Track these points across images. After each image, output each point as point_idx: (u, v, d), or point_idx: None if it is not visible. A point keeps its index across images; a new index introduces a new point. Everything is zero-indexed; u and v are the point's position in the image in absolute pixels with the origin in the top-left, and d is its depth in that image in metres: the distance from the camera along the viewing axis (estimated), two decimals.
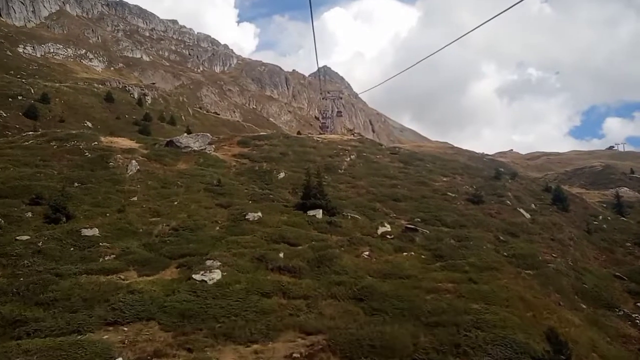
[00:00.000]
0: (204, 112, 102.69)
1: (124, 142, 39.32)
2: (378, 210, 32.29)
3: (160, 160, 35.88)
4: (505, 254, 25.81)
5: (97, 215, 25.51)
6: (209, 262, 19.85)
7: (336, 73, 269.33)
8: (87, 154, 34.56)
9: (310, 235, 25.14)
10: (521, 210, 35.31)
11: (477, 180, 43.82)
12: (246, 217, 26.76)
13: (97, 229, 23.30)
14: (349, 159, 44.70)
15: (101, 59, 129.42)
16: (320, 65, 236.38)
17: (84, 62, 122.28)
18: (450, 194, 37.18)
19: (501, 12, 14.22)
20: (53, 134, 38.58)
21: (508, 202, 37.18)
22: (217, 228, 25.65)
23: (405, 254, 24.08)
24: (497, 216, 33.42)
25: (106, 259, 20.81)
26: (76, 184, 29.44)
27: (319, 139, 53.71)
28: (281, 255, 21.69)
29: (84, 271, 18.95)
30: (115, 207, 26.78)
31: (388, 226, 27.87)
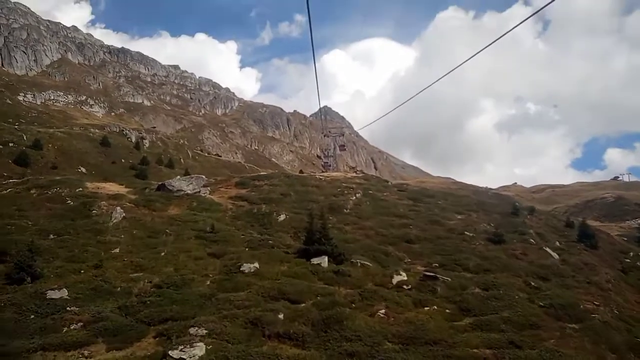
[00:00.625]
0: (205, 154, 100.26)
1: (112, 188, 36.21)
2: (390, 254, 28.69)
3: (149, 205, 32.61)
4: (541, 303, 22.03)
5: (69, 273, 22.00)
6: (192, 330, 16.23)
7: (337, 113, 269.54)
8: (69, 201, 31.37)
9: (314, 289, 21.49)
10: (548, 250, 31.60)
11: (494, 217, 40.25)
12: (241, 269, 23.21)
13: (66, 290, 19.80)
14: (354, 197, 41.35)
15: (102, 104, 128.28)
16: (321, 105, 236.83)
17: (84, 108, 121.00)
18: (467, 233, 33.57)
19: (489, 44, 13.08)
20: (35, 180, 35.55)
21: (532, 240, 33.50)
22: (208, 283, 22.08)
23: (427, 308, 20.36)
24: (523, 258, 29.71)
25: (71, 328, 17.17)
26: (52, 236, 26.09)
27: (321, 178, 50.59)
28: (280, 316, 18.04)
29: (39, 347, 15.34)
30: (92, 262, 23.30)
31: (404, 274, 24.21)
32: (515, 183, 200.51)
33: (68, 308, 18.52)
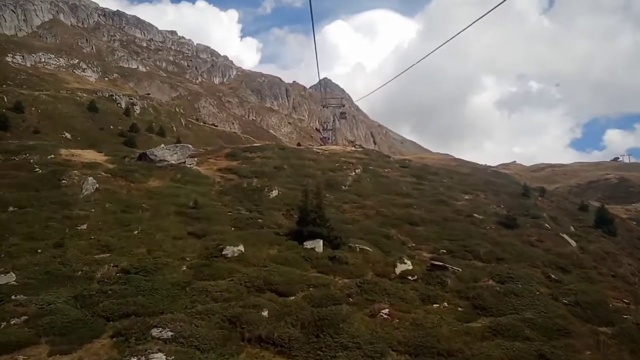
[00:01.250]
0: (200, 123, 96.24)
1: (89, 155, 32.89)
2: (392, 237, 25.70)
3: (127, 176, 29.35)
4: (565, 300, 19.19)
5: (24, 253, 18.94)
6: (155, 332, 13.27)
7: (337, 85, 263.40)
8: (37, 169, 28.10)
9: (306, 279, 18.52)
10: (565, 237, 28.66)
11: (503, 197, 37.22)
12: (223, 253, 20.19)
13: (13, 274, 16.80)
14: (353, 173, 38.12)
15: (95, 69, 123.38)
16: (321, 77, 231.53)
17: (76, 72, 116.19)
18: (477, 215, 30.55)
19: (485, 14, 11.14)
20: (4, 145, 32.18)
21: (547, 225, 30.54)
22: (184, 268, 19.05)
23: (436, 305, 17.47)
24: (539, 245, 26.77)
25: (12, 323, 14.21)
26: (11, 209, 22.94)
27: (319, 151, 47.25)
28: (264, 314, 15.10)
29: None
30: (53, 240, 20.22)
31: (408, 262, 21.24)
32: (515, 161, 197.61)
33: (13, 297, 15.58)
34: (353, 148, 56.35)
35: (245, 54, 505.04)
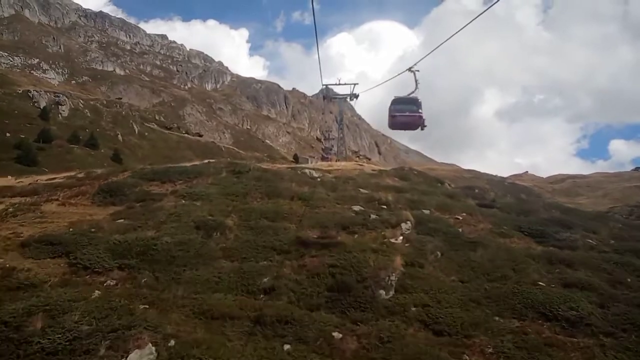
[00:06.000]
0: (161, 129, 72.50)
1: None
2: None
3: None
4: None
5: None
6: None
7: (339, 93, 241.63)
8: None
9: None
10: None
11: None
12: None
13: None
14: (400, 238, 14.74)
15: (60, 70, 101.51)
16: (323, 84, 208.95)
17: (34, 72, 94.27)
18: None
19: (474, 19, 9.05)
20: None
21: None
22: None
23: None
24: None
25: None
26: None
27: (317, 174, 23.94)
28: None
29: None
30: None
31: None
32: (527, 172, 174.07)
33: None
34: (376, 167, 33.25)
35: (254, 70, 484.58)
